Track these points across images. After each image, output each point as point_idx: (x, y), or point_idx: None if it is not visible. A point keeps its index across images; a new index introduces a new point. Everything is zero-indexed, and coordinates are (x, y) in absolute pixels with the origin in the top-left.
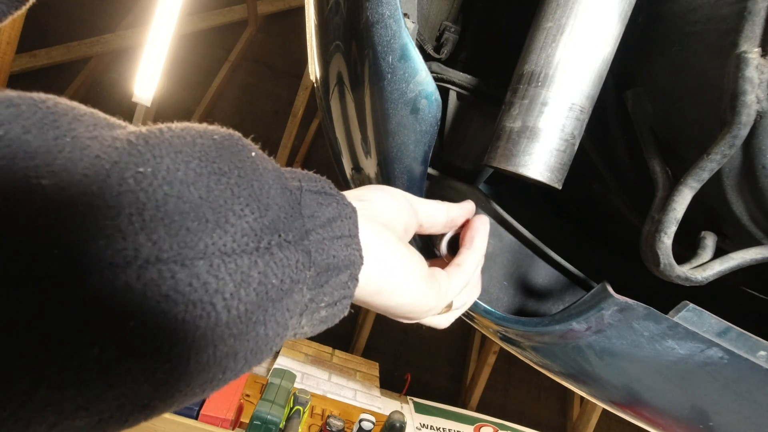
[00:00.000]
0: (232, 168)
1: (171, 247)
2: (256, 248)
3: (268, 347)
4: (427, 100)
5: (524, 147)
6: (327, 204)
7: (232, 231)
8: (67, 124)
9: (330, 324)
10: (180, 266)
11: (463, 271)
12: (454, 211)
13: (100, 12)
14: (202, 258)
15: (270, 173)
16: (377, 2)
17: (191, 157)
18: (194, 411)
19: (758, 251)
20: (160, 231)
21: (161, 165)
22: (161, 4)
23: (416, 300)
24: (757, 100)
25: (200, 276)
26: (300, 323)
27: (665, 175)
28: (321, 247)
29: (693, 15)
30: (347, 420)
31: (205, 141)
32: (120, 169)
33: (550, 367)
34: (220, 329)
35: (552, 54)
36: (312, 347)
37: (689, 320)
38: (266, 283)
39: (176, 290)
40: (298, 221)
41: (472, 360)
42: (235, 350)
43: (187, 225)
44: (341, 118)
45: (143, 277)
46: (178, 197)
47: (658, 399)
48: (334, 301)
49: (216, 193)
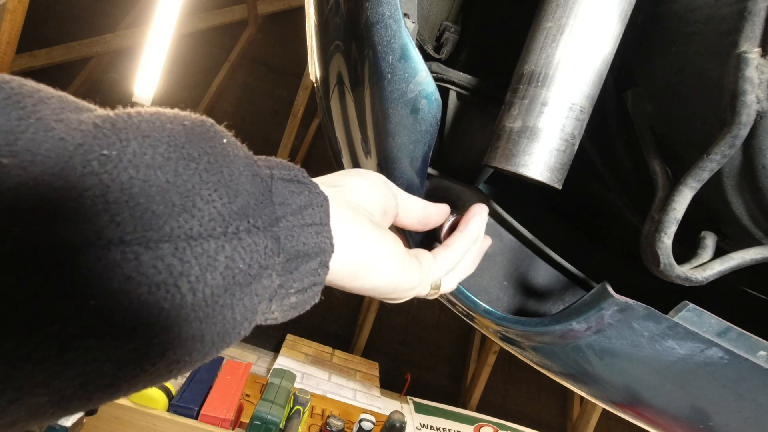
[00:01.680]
0: (201, 154)
1: (135, 230)
2: (223, 233)
3: (236, 331)
4: (427, 100)
5: (524, 147)
6: (299, 192)
7: (199, 215)
8: (32, 106)
9: (301, 310)
10: (144, 248)
11: (451, 252)
12: (430, 209)
13: (100, 12)
14: (167, 241)
15: (241, 160)
16: (377, 2)
17: (159, 142)
18: (194, 411)
19: (758, 251)
20: (124, 213)
21: (127, 148)
22: (161, 4)
23: (394, 280)
24: (757, 100)
25: (164, 258)
26: (270, 308)
27: (665, 175)
28: (291, 234)
29: (693, 15)
30: (347, 420)
31: (175, 126)
32: (84, 151)
33: (550, 367)
34: (185, 312)
35: (552, 54)
36: (312, 347)
37: (689, 320)
38: (233, 268)
39: (139, 272)
40: (268, 208)
41: (472, 360)
42: (201, 333)
43: (152, 208)
44: (341, 118)
45: (105, 257)
46: (143, 181)
47: (658, 399)
48: (304, 288)
49: (184, 178)
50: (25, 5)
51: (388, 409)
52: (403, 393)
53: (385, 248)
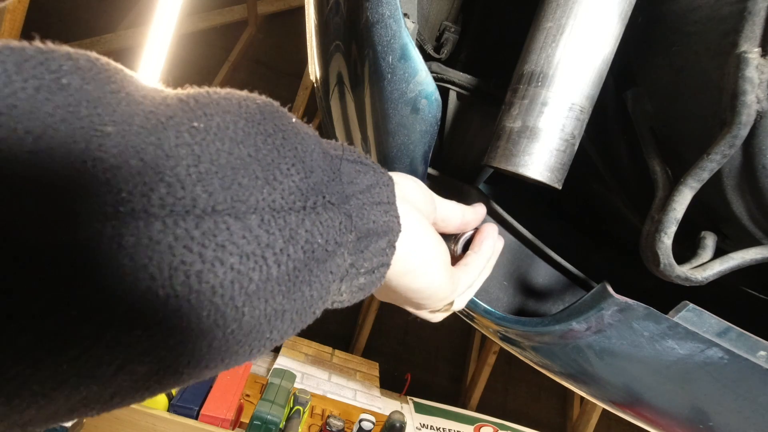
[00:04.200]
0: (276, 130)
1: (225, 200)
2: (302, 207)
3: (311, 310)
4: (427, 100)
5: (524, 147)
6: (365, 172)
7: (280, 188)
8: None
9: (367, 292)
10: (234, 219)
11: (470, 272)
12: (469, 215)
13: (100, 12)
14: (254, 212)
15: (311, 138)
16: (377, 2)
17: (239, 118)
18: (194, 411)
19: (758, 251)
20: (215, 183)
21: (212, 122)
22: (161, 4)
23: (437, 285)
24: (757, 100)
25: (252, 229)
26: (340, 289)
27: (665, 175)
28: (361, 212)
29: (693, 15)
30: (347, 420)
31: (250, 104)
32: (175, 122)
33: (550, 367)
34: (272, 284)
35: (552, 54)
36: (312, 347)
37: (689, 320)
38: (313, 242)
39: (231, 241)
40: (338, 186)
41: (472, 360)
42: (283, 308)
43: (239, 180)
44: (341, 118)
45: (201, 226)
46: (229, 153)
47: (658, 399)
48: (373, 268)
49: (264, 152)
50: (25, 5)
51: (388, 409)
52: (403, 393)
53: (438, 249)
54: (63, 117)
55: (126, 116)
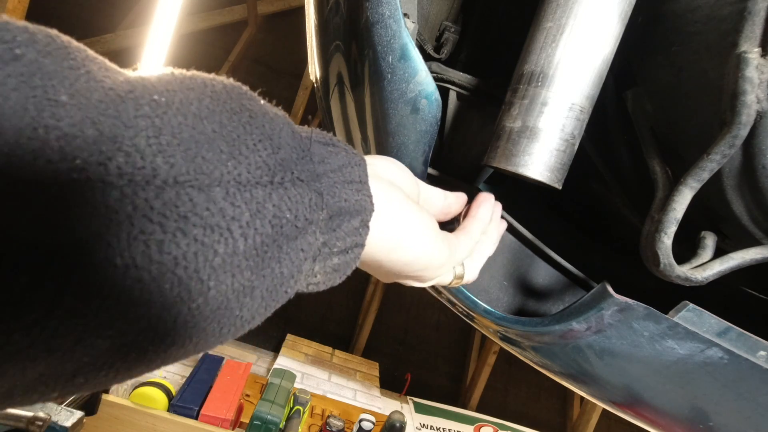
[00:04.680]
0: (243, 109)
1: (188, 172)
2: (270, 181)
3: (283, 288)
4: (427, 100)
5: (524, 147)
6: (336, 153)
7: (246, 162)
8: (81, 60)
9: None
10: (197, 190)
11: (469, 234)
12: (450, 198)
13: (100, 12)
14: (218, 185)
15: (280, 118)
16: (377, 2)
17: (203, 95)
18: (194, 411)
19: (758, 251)
20: (177, 156)
21: (175, 97)
22: (161, 4)
23: (431, 252)
24: (757, 100)
25: (217, 201)
26: (313, 270)
27: (665, 175)
28: (333, 190)
29: (693, 15)
30: (347, 420)
31: (216, 84)
32: (135, 96)
33: (550, 367)
34: (238, 258)
35: (552, 54)
36: (312, 347)
37: (689, 320)
38: (281, 217)
39: (194, 213)
40: (309, 164)
41: (472, 360)
42: (252, 284)
43: (202, 153)
44: (341, 118)
45: (162, 196)
46: (192, 127)
47: (658, 399)
48: (347, 248)
49: (229, 129)
50: (25, 5)
51: (388, 409)
52: (403, 393)
53: (423, 220)
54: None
55: (83, 91)
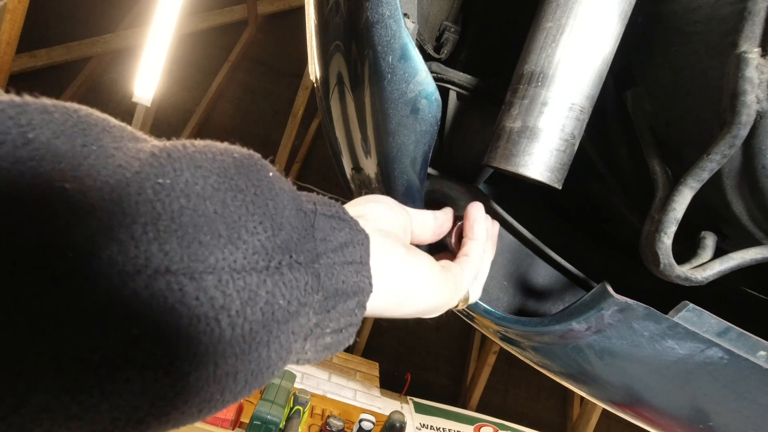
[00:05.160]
0: (249, 186)
1: (182, 259)
2: (266, 267)
3: (270, 370)
4: (427, 100)
5: (524, 147)
6: (340, 228)
7: (244, 248)
8: (96, 134)
9: (334, 351)
10: (189, 279)
11: (471, 260)
12: (441, 218)
13: (100, 12)
14: (211, 272)
15: (286, 194)
16: (377, 2)
17: (210, 173)
18: None
19: (758, 251)
20: (173, 242)
21: (180, 178)
22: (161, 4)
23: (436, 298)
24: (757, 100)
25: (207, 290)
26: (304, 348)
27: (665, 175)
28: (331, 271)
29: (693, 15)
30: (347, 420)
31: (226, 158)
32: (140, 179)
33: (550, 367)
34: (222, 347)
35: (552, 54)
36: None
37: (689, 320)
38: (273, 303)
39: (182, 303)
40: (310, 243)
41: (472, 360)
42: (236, 370)
43: (199, 238)
44: (341, 118)
45: (151, 286)
46: (193, 210)
47: (658, 399)
48: (340, 328)
49: (231, 209)
50: (25, 5)
51: (388, 409)
52: (403, 393)
53: (423, 271)
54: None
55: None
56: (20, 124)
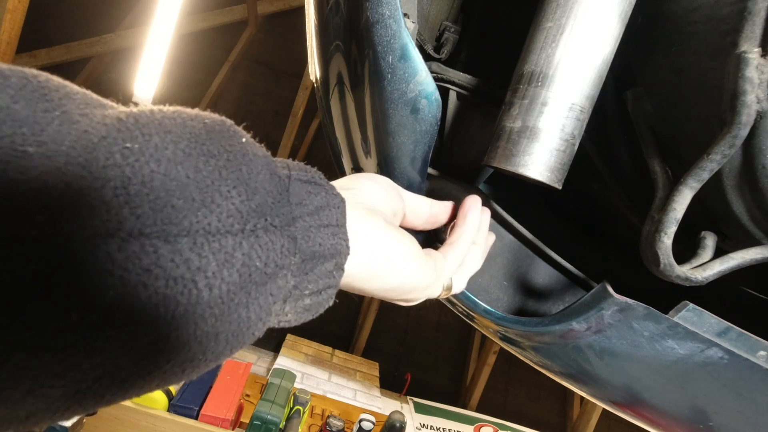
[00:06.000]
0: (221, 151)
1: (155, 223)
2: (241, 230)
3: (250, 331)
4: (427, 100)
5: (524, 147)
6: (315, 193)
7: (218, 211)
8: (58, 100)
9: (314, 313)
10: (163, 242)
11: (457, 248)
12: (437, 208)
13: (100, 12)
14: (185, 235)
15: (259, 159)
16: (377, 2)
17: (180, 138)
18: (194, 411)
19: (758, 251)
20: (145, 206)
21: (149, 142)
22: (161, 4)
23: (413, 279)
24: (757, 100)
25: (183, 253)
26: (284, 310)
27: (665, 175)
28: (307, 234)
29: (693, 15)
30: (347, 420)
31: (196, 124)
32: (107, 143)
33: (550, 367)
34: (201, 308)
35: (552, 54)
36: (312, 347)
37: (689, 320)
38: (250, 265)
39: (158, 265)
40: (285, 207)
41: (472, 360)
42: (216, 330)
43: (172, 202)
44: (341, 118)
45: (125, 249)
46: (164, 175)
47: (658, 399)
48: (319, 290)
49: (204, 174)
50: (25, 5)
51: (388, 409)
52: (403, 393)
53: (403, 247)
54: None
55: (56, 135)
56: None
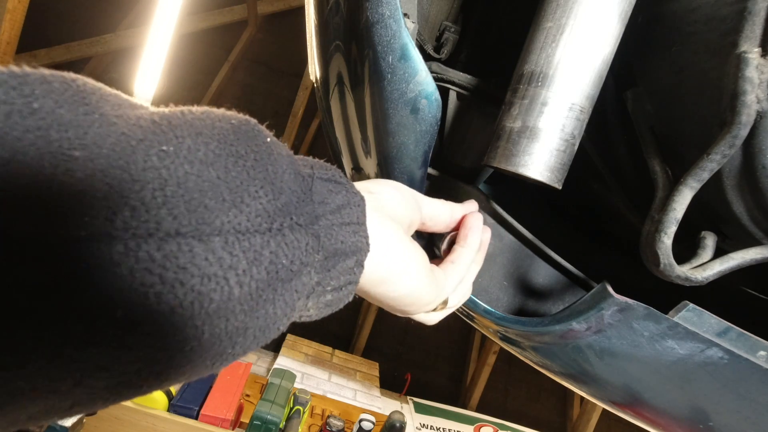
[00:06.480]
0: (248, 151)
1: (190, 222)
2: (268, 229)
3: (276, 326)
4: (427, 100)
5: (524, 147)
6: (337, 192)
7: (247, 211)
8: (95, 102)
9: (335, 308)
10: (197, 241)
11: (457, 268)
12: (458, 212)
13: (100, 12)
14: (218, 234)
15: (284, 158)
16: (377, 2)
17: (211, 139)
18: (194, 411)
19: (758, 251)
20: (181, 206)
21: (183, 144)
22: (161, 4)
23: (417, 292)
24: (757, 100)
25: (216, 251)
26: (306, 305)
27: (665, 175)
28: (330, 232)
29: (693, 15)
30: (347, 420)
31: (224, 125)
32: (145, 146)
33: (550, 367)
34: (233, 304)
35: (552, 54)
36: (312, 347)
37: (689, 320)
38: (277, 263)
39: (193, 263)
40: (309, 206)
41: (472, 360)
42: (245, 326)
43: (205, 202)
44: (341, 118)
45: (163, 248)
46: (197, 176)
47: (658, 399)
48: (340, 286)
49: (233, 174)
50: (25, 5)
51: (388, 409)
52: (403, 393)
53: (414, 258)
54: (32, 141)
55: (97, 138)
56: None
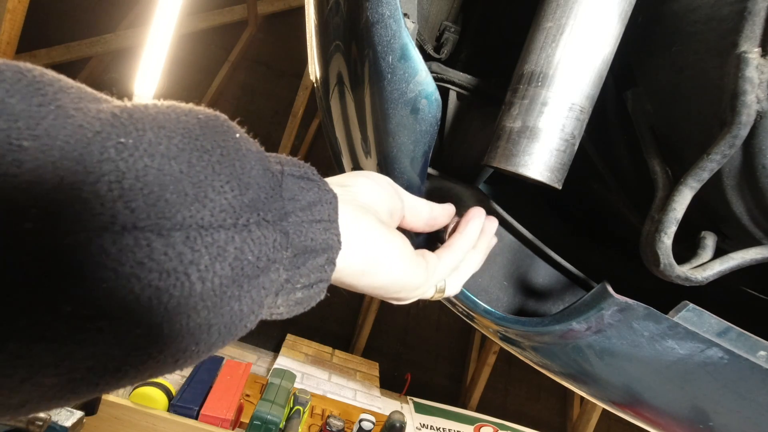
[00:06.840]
0: (214, 146)
1: (148, 216)
2: (233, 224)
3: (243, 323)
4: (427, 100)
5: (524, 147)
6: (308, 189)
7: (211, 206)
8: (53, 94)
9: (306, 306)
10: (156, 235)
11: (452, 252)
12: (437, 210)
13: (100, 12)
14: (179, 229)
15: (253, 154)
16: (377, 2)
17: (174, 133)
18: (194, 411)
19: (758, 251)
20: (139, 200)
21: (143, 137)
22: (161, 4)
23: (402, 280)
24: (757, 100)
25: (176, 246)
26: (276, 303)
27: (665, 175)
28: (299, 229)
29: (693, 15)
30: (347, 420)
31: (190, 119)
32: (102, 138)
33: (550, 367)
34: (194, 300)
35: (552, 54)
36: (312, 347)
37: (689, 320)
38: (242, 259)
39: (151, 258)
40: (278, 203)
41: (472, 360)
42: (208, 323)
43: (165, 197)
44: (341, 118)
45: (119, 242)
46: (158, 169)
47: (658, 399)
48: (311, 284)
49: (197, 169)
50: (25, 5)
51: (388, 409)
52: (403, 393)
53: (393, 246)
54: None
55: (51, 129)
56: None
